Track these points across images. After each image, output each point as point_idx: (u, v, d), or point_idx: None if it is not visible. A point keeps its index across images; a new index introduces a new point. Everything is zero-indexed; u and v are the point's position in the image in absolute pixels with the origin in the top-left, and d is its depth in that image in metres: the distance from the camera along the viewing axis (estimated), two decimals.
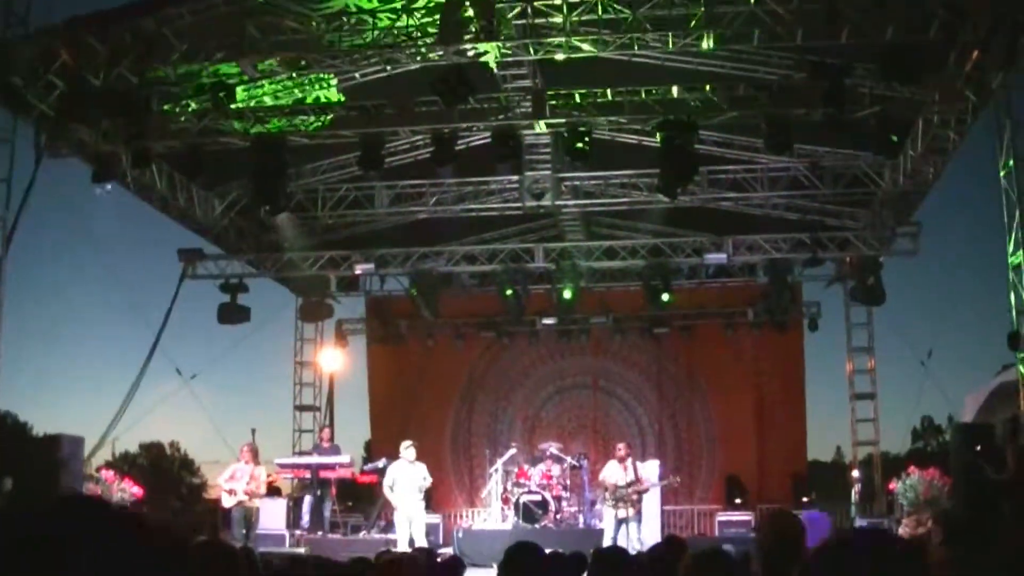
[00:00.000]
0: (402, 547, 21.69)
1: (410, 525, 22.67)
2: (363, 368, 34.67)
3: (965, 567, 3.99)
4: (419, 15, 19.21)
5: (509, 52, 19.46)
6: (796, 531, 6.90)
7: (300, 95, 22.56)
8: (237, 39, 19.42)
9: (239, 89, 21.27)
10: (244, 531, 22.54)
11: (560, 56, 19.65)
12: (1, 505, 20.88)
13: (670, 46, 19.14)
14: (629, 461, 23.42)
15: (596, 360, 32.80)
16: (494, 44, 18.95)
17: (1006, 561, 4.10)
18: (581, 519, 25.94)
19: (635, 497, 23.07)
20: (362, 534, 25.80)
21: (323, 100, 22.59)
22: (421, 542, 22.26)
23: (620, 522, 22.81)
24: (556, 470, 26.23)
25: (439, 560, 11.38)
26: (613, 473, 23.35)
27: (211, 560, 5.81)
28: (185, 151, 22.36)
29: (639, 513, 23.23)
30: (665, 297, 27.72)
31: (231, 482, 23.14)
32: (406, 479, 22.93)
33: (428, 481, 23.38)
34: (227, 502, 23.18)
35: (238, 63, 19.70)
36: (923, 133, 21.81)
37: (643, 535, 22.60)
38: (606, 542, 22.22)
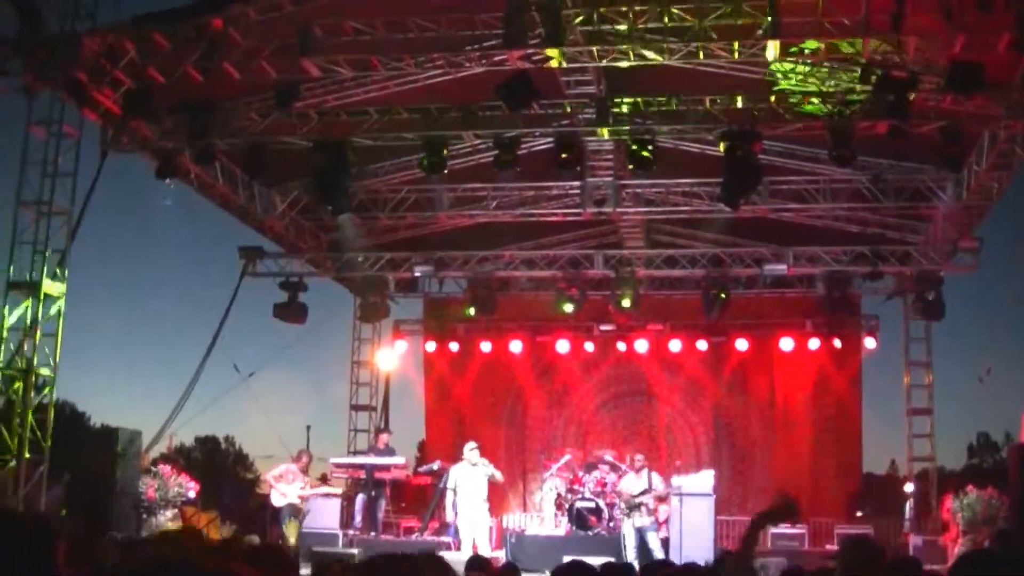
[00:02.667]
0: (467, 551, 21.74)
1: (474, 530, 22.73)
2: (419, 369, 34.73)
3: None
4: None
5: (574, 58, 19.45)
6: (879, 562, 6.86)
7: (364, 95, 22.64)
8: (302, 39, 19.49)
9: (303, 88, 21.39)
10: (295, 528, 22.72)
11: (625, 63, 19.62)
12: (60, 496, 21.06)
13: (735, 55, 19.10)
14: (645, 471, 23.45)
15: (652, 367, 32.70)
16: (558, 50, 18.94)
17: None
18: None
19: (651, 505, 23.08)
20: (415, 536, 25.85)
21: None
22: (484, 548, 22.30)
23: (638, 530, 22.81)
24: (611, 478, 26.20)
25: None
26: (628, 483, 23.41)
27: (264, 561, 5.88)
28: (248, 149, 22.48)
29: (656, 521, 23.26)
30: (723, 295, 27.63)
31: (280, 481, 23.34)
32: (469, 483, 22.97)
33: (499, 476, 23.48)
34: (277, 501, 23.37)
35: (302, 63, 19.77)
36: (988, 148, 21.66)
37: (682, 543, 22.63)
38: (627, 552, 22.25)
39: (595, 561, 9.66)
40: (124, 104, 20.53)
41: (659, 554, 21.30)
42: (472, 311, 29.56)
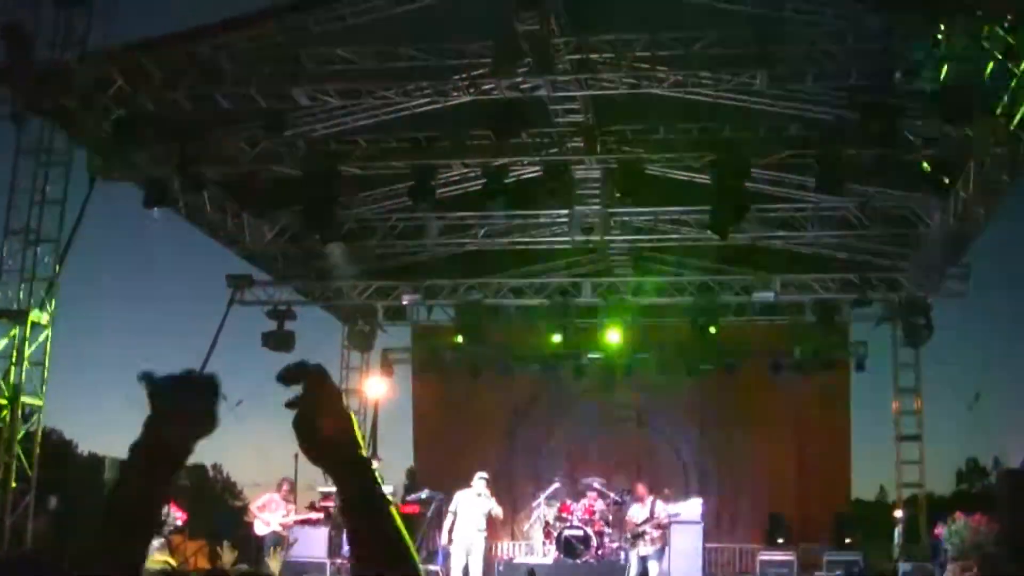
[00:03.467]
0: None
1: (467, 557, 22.70)
2: (408, 397, 34.72)
3: None
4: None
5: (562, 87, 19.50)
6: None
7: (353, 124, 22.67)
8: (291, 68, 19.53)
9: (292, 116, 21.42)
10: (279, 558, 22.74)
11: (613, 92, 19.67)
12: (47, 523, 21.02)
13: (723, 83, 19.17)
14: (649, 499, 23.49)
15: (641, 395, 32.68)
16: (547, 78, 18.99)
17: None
18: (623, 555, 25.85)
19: (655, 534, 23.11)
20: None
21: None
22: (477, 575, 22.31)
23: (642, 559, 22.83)
24: (599, 505, 26.22)
25: None
26: (634, 513, 23.48)
27: None
28: (237, 177, 22.48)
29: (660, 549, 23.29)
30: (712, 330, 27.67)
31: (263, 511, 23.46)
32: (471, 510, 22.97)
33: (498, 511, 23.46)
34: (260, 530, 23.47)
35: (291, 92, 19.79)
36: (975, 174, 21.72)
37: (671, 569, 22.67)
38: None
39: None
40: (113, 132, 20.53)
41: None
42: (460, 339, 29.54)
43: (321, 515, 26.18)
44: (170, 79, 19.84)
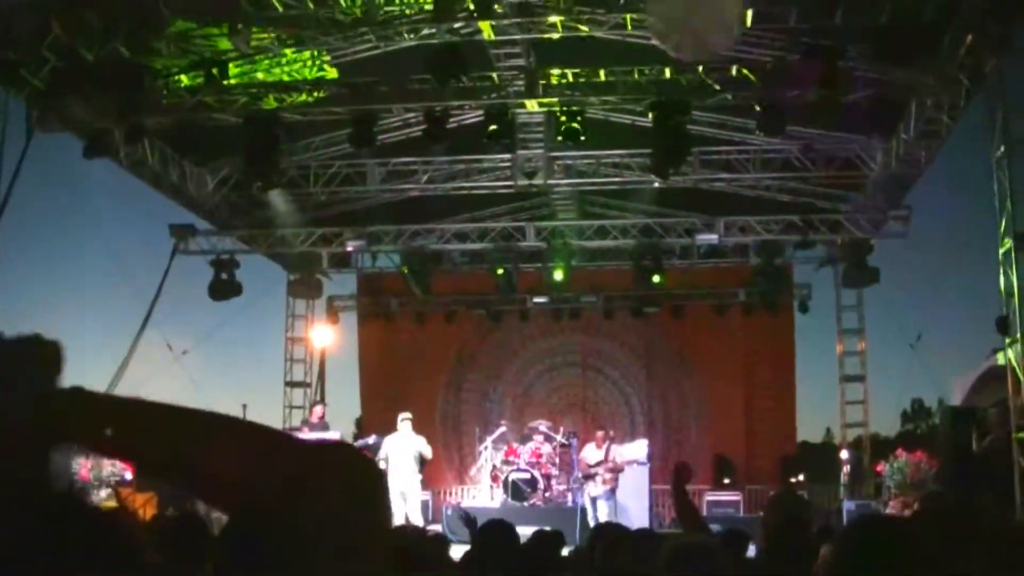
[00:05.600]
0: (398, 523, 21.77)
1: (404, 502, 22.69)
2: (354, 345, 34.74)
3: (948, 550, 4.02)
4: None
5: (503, 30, 19.43)
6: (804, 512, 6.95)
7: (293, 71, 22.54)
8: (231, 14, 19.36)
9: (232, 65, 21.27)
10: None
11: (554, 35, 19.62)
12: None
13: None
14: (606, 444, 23.60)
15: (586, 339, 32.86)
16: (488, 22, 18.91)
17: (986, 544, 4.13)
18: (570, 497, 25.99)
19: (607, 476, 23.23)
20: None
21: (316, 76, 22.56)
22: (416, 519, 22.29)
23: (593, 500, 22.95)
24: (546, 448, 26.35)
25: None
26: (588, 453, 23.61)
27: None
28: (178, 127, 22.31)
29: (611, 491, 23.40)
30: (656, 279, 27.79)
31: None
32: (400, 452, 22.94)
33: (428, 452, 23.46)
34: None
35: (230, 39, 19.63)
36: (916, 117, 21.83)
37: (616, 512, 22.80)
38: (589, 519, 22.38)
39: (531, 531, 9.72)
40: (51, 83, 20.32)
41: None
42: (413, 285, 29.49)
43: None
44: (109, 27, 19.61)
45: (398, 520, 21.92)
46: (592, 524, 21.98)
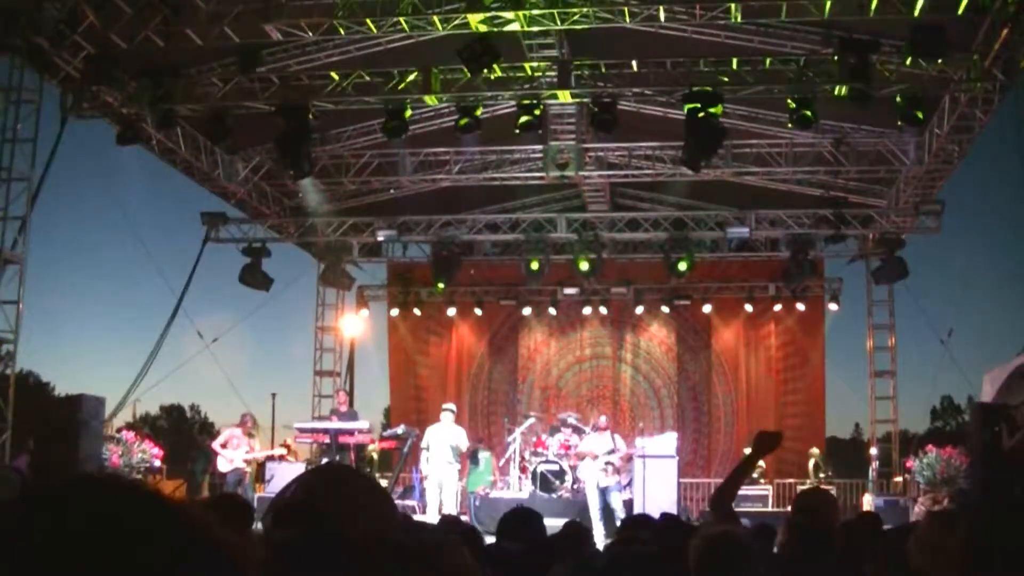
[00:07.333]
0: (432, 513, 21.79)
1: (440, 490, 22.75)
2: (383, 334, 34.76)
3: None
4: None
5: (535, 21, 19.38)
6: (832, 509, 6.91)
7: (326, 59, 22.56)
8: (264, 3, 19.38)
9: (264, 52, 21.32)
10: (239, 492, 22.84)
11: (586, 26, 19.57)
12: (26, 463, 20.95)
13: (696, 18, 19.08)
14: (608, 432, 23.48)
15: (616, 331, 32.84)
16: (520, 13, 18.87)
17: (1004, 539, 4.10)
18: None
19: (617, 465, 23.14)
20: None
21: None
22: (450, 509, 22.30)
23: (602, 491, 22.85)
24: (574, 440, 26.29)
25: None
26: (591, 443, 23.41)
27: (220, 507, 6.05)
28: (210, 114, 22.36)
29: (619, 482, 23.31)
30: (682, 266, 27.72)
31: (225, 448, 23.69)
32: (440, 442, 23.01)
33: (464, 444, 23.54)
34: (223, 467, 23.69)
35: (264, 27, 19.65)
36: (949, 111, 21.75)
37: (646, 502, 22.71)
38: (592, 512, 22.24)
39: (558, 523, 9.70)
40: (85, 70, 20.42)
41: (621, 514, 21.32)
42: (440, 286, 29.56)
43: (281, 451, 26.30)
44: (141, 16, 19.68)
45: (433, 510, 22.03)
46: (597, 516, 21.94)
